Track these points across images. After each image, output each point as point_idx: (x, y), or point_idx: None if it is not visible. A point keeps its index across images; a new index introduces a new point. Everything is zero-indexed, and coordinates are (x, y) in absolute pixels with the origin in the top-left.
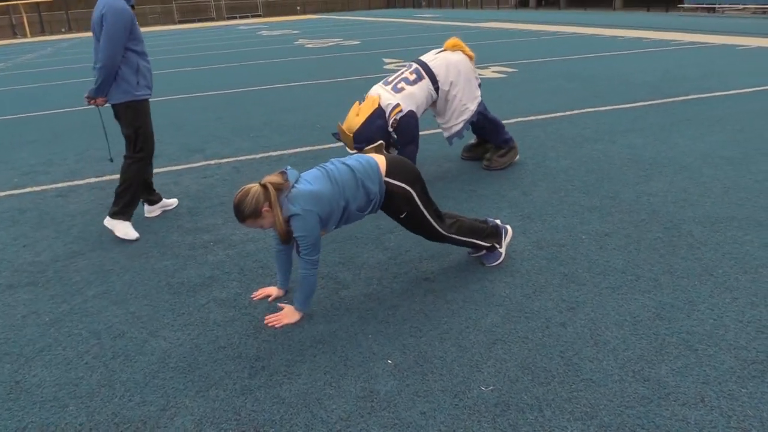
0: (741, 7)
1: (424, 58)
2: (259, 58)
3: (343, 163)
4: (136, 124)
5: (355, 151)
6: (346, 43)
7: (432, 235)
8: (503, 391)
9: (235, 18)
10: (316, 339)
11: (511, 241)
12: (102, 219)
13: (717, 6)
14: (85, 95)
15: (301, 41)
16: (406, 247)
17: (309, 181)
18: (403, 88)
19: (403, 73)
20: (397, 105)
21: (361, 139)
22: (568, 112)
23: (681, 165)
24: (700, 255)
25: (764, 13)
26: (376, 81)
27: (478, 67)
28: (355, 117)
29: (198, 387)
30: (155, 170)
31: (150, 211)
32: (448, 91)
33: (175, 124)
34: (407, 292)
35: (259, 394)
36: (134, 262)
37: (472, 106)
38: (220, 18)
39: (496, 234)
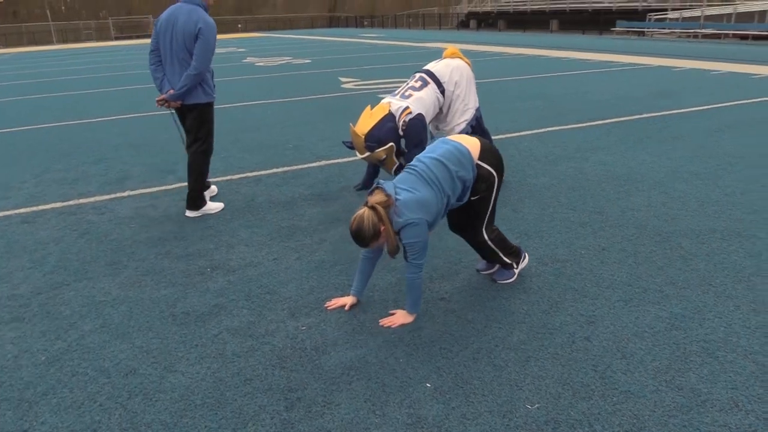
0: (668, 30)
1: (426, 66)
2: None
3: (434, 159)
4: (209, 120)
5: (367, 153)
6: (297, 61)
7: (474, 233)
8: (549, 408)
9: None
10: (346, 366)
11: (525, 267)
12: (79, 246)
13: (646, 30)
14: (159, 98)
15: (250, 59)
16: None
17: (409, 189)
18: (411, 95)
19: (408, 83)
20: (407, 107)
21: (373, 140)
22: (535, 131)
23: (654, 181)
24: (694, 266)
25: (688, 36)
26: (335, 100)
27: None
28: (368, 119)
29: (233, 424)
30: (127, 193)
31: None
32: (453, 90)
33: (133, 144)
34: (427, 314)
35: (301, 428)
36: (128, 292)
37: (473, 107)
38: None
39: (517, 254)
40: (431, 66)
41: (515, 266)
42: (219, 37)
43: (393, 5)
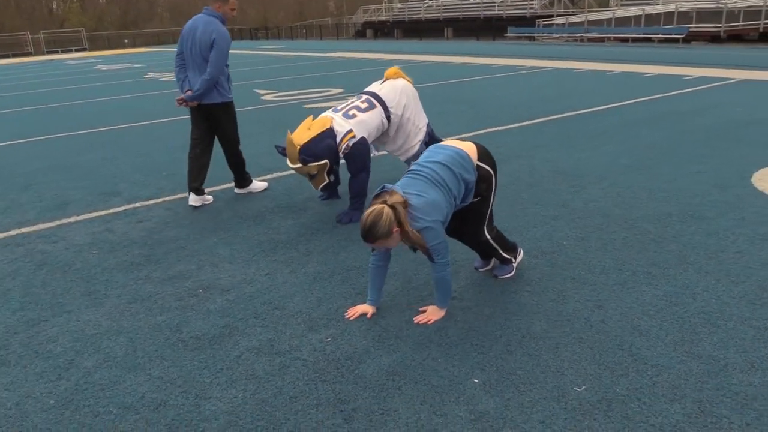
0: (556, 36)
1: (371, 88)
2: (114, 94)
3: (437, 163)
4: (233, 119)
5: (299, 165)
6: None
7: (475, 233)
8: (595, 388)
9: (57, 53)
10: (387, 371)
11: (521, 261)
12: (42, 278)
13: (536, 35)
14: (179, 98)
15: (151, 75)
16: (411, 272)
17: (418, 193)
18: (355, 115)
19: (353, 102)
20: (350, 131)
21: (309, 153)
22: (472, 133)
23: (599, 174)
24: (666, 247)
25: (575, 40)
26: (260, 112)
27: (353, 96)
28: (306, 130)
29: None
30: (73, 218)
31: (194, 200)
32: (402, 115)
33: (61, 166)
34: (446, 314)
35: None
36: (120, 322)
37: (423, 126)
38: (38, 53)
39: (514, 249)
40: (376, 89)
41: (513, 261)
42: (105, 53)
43: (285, 17)
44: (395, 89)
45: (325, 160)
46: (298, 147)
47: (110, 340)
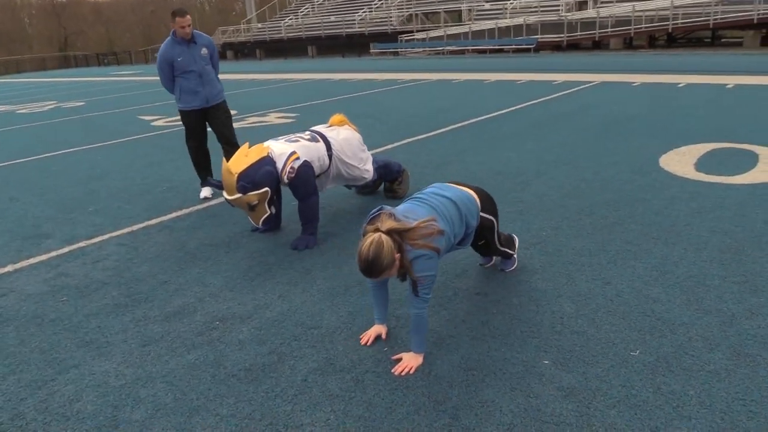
0: (419, 50)
1: (316, 128)
2: None
3: (445, 197)
4: (183, 124)
5: (237, 195)
6: (69, 105)
7: (489, 250)
8: (648, 351)
9: None
10: (462, 367)
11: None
12: (15, 337)
13: (400, 50)
14: None
15: (4, 108)
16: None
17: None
18: (298, 140)
19: (296, 133)
20: (294, 152)
21: (247, 181)
22: (395, 144)
23: (534, 171)
24: (628, 227)
25: (437, 54)
26: (160, 138)
27: (254, 116)
28: (244, 157)
29: None
30: (9, 267)
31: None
32: (345, 160)
33: None
34: (479, 309)
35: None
36: (146, 368)
37: (370, 168)
38: None
39: (513, 243)
40: (321, 129)
41: (514, 253)
42: None
43: (132, 40)
44: (341, 137)
45: (266, 188)
46: (236, 175)
47: (147, 388)
